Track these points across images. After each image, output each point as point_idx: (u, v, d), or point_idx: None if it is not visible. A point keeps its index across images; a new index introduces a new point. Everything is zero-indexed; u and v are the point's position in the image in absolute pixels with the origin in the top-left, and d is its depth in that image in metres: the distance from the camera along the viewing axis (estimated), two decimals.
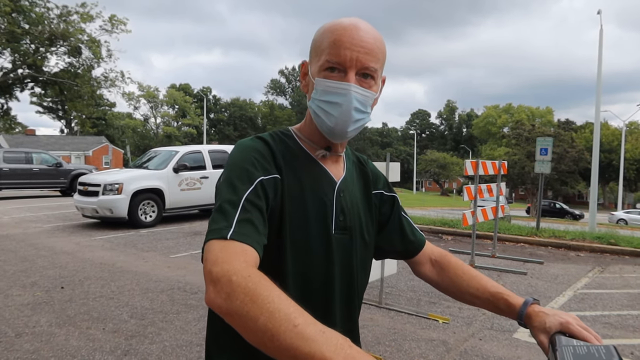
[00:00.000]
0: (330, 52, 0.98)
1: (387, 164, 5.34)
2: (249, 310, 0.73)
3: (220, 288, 0.77)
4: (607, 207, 51.23)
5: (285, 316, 0.71)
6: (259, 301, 0.73)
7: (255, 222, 0.90)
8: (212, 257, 0.82)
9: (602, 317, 5.15)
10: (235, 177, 0.96)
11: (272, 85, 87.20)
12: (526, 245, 9.61)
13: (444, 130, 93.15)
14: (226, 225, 0.87)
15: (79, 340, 4.09)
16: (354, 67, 0.98)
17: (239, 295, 0.75)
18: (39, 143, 41.71)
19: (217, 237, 0.85)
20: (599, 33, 15.50)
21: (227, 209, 0.90)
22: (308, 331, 0.70)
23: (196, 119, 65.59)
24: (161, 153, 11.99)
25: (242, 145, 1.05)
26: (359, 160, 1.25)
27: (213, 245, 0.84)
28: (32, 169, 16.73)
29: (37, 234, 9.39)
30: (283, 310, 0.72)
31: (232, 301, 0.75)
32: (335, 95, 0.99)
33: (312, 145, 1.10)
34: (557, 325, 0.96)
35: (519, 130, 38.01)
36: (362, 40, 0.98)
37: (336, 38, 0.98)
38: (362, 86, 1.00)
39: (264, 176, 0.97)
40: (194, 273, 6.50)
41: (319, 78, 1.01)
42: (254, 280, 0.76)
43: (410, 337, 4.39)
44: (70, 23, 29.41)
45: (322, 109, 1.02)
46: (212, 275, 0.79)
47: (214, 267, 0.80)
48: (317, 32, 1.04)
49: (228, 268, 0.79)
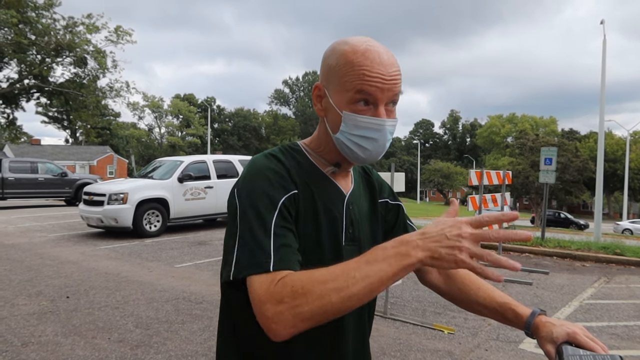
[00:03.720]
0: (360, 87, 0.97)
1: (392, 174, 5.36)
2: (318, 304, 0.80)
3: (281, 317, 0.82)
4: (612, 217, 50.98)
5: (343, 277, 0.81)
6: (317, 290, 0.81)
7: (291, 244, 0.93)
8: (261, 294, 0.85)
9: (609, 328, 5.12)
10: (259, 203, 0.96)
11: (275, 95, 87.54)
12: (531, 255, 9.57)
13: (447, 140, 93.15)
14: (264, 257, 0.89)
15: (84, 350, 4.10)
16: (384, 100, 0.99)
17: (301, 303, 0.81)
18: (44, 153, 41.97)
19: (259, 272, 0.88)
20: (602, 43, 15.52)
21: (260, 240, 0.91)
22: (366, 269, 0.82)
23: (200, 128, 65.84)
24: (166, 163, 12.04)
25: (256, 165, 1.03)
26: (364, 170, 1.26)
27: (258, 281, 0.87)
28: (37, 178, 16.80)
29: (42, 243, 9.42)
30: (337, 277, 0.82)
31: (300, 313, 0.81)
32: (370, 131, 1.00)
33: (322, 161, 1.12)
34: (564, 335, 0.98)
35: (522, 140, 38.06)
36: (390, 73, 0.98)
37: (366, 72, 0.97)
38: (390, 117, 1.02)
39: (285, 195, 0.98)
40: (198, 283, 6.51)
41: (349, 112, 1.00)
42: (298, 282, 0.83)
43: (416, 347, 4.38)
44: (76, 34, 29.66)
45: (354, 143, 1.02)
46: (267, 314, 0.83)
47: (265, 306, 0.83)
48: (332, 56, 1.02)
49: (276, 296, 0.83)
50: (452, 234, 0.80)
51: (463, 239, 0.80)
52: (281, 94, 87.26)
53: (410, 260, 0.81)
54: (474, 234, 0.80)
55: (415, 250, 0.81)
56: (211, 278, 6.82)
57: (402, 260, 0.81)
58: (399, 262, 0.81)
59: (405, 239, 0.83)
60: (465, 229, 0.81)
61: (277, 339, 0.83)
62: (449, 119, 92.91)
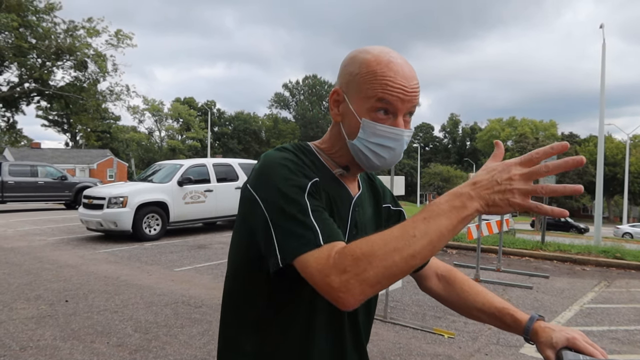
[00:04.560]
0: (382, 97, 0.98)
1: (392, 177, 5.35)
2: (383, 265, 0.80)
3: (348, 284, 0.81)
4: (612, 221, 50.98)
5: (402, 238, 0.81)
6: (379, 252, 0.80)
7: (329, 220, 0.94)
8: (321, 268, 0.85)
9: (610, 333, 5.10)
10: (286, 189, 0.94)
11: (276, 98, 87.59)
12: (531, 259, 9.56)
13: (447, 144, 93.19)
14: (311, 233, 0.88)
15: (83, 354, 4.08)
16: (404, 111, 1.01)
17: (366, 268, 0.80)
18: (44, 156, 41.91)
19: (312, 248, 0.87)
20: (602, 47, 15.57)
21: (300, 220, 0.90)
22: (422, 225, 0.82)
23: (200, 132, 65.92)
24: (166, 166, 12.04)
25: (272, 158, 1.02)
26: (368, 175, 1.27)
27: (313, 257, 0.86)
28: (37, 181, 16.81)
29: (41, 247, 9.40)
30: (395, 237, 0.82)
31: (366, 279, 0.81)
32: (388, 140, 1.02)
33: (331, 163, 1.12)
34: (563, 340, 0.99)
35: (522, 144, 38.11)
36: (412, 86, 0.99)
37: (389, 84, 0.98)
38: (406, 125, 1.04)
39: (309, 181, 0.98)
40: (198, 287, 6.49)
41: (367, 120, 1.01)
42: (357, 250, 0.83)
43: (416, 352, 4.36)
44: (76, 38, 29.78)
45: (371, 150, 1.03)
46: (334, 285, 0.83)
47: (329, 278, 0.83)
48: (355, 62, 1.03)
49: (337, 266, 0.83)
50: (502, 178, 0.82)
51: (514, 181, 0.81)
52: (281, 98, 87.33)
53: (466, 212, 0.82)
54: (524, 174, 0.81)
55: (470, 201, 0.82)
56: (211, 282, 6.80)
57: (459, 213, 0.82)
58: (456, 214, 0.82)
59: (458, 191, 0.84)
60: (514, 171, 0.82)
61: (346, 308, 0.83)
62: (449, 123, 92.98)
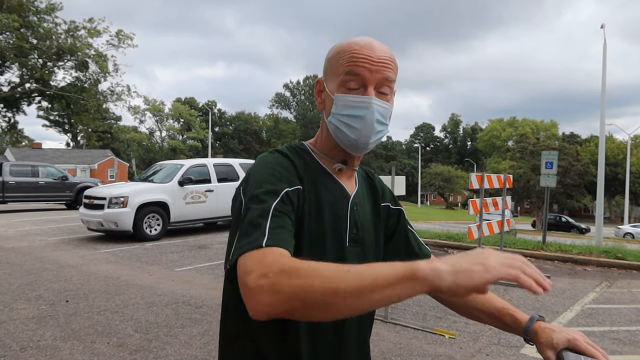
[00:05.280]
0: (349, 69, 1.02)
1: (393, 177, 5.35)
2: (300, 285, 0.74)
3: (264, 290, 0.75)
4: (614, 221, 50.90)
5: (334, 270, 0.75)
6: (303, 272, 0.75)
7: (287, 227, 0.91)
8: (246, 268, 0.80)
9: (611, 333, 5.09)
10: (261, 192, 0.95)
11: (276, 98, 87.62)
12: (532, 259, 9.53)
13: (448, 144, 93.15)
14: (259, 235, 0.85)
15: (83, 354, 4.08)
16: (373, 81, 1.02)
17: (283, 281, 0.75)
18: (45, 156, 41.94)
19: (251, 249, 0.83)
20: (603, 47, 15.55)
21: (258, 222, 0.89)
22: (360, 269, 0.74)
23: (201, 132, 65.93)
24: (166, 166, 12.04)
25: (263, 159, 1.05)
26: (367, 174, 1.27)
27: (246, 258, 0.82)
28: (38, 182, 16.81)
29: (42, 247, 9.40)
30: (328, 268, 0.75)
31: (281, 290, 0.74)
32: (358, 109, 1.02)
33: (328, 160, 1.12)
34: (564, 341, 0.98)
35: (523, 144, 38.03)
36: (378, 56, 1.02)
37: (354, 55, 1.02)
38: (381, 99, 1.04)
39: (289, 188, 0.98)
40: (198, 287, 6.49)
41: (339, 94, 1.04)
42: (288, 263, 0.78)
43: (417, 352, 4.35)
44: (77, 38, 29.77)
45: (344, 123, 1.04)
46: (252, 284, 0.77)
47: (250, 277, 0.78)
48: (331, 51, 1.08)
49: (262, 270, 0.77)
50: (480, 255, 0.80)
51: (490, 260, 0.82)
52: (282, 98, 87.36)
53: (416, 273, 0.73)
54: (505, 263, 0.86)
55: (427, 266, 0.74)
56: (211, 282, 6.80)
57: (406, 269, 0.74)
58: (402, 268, 0.74)
59: None
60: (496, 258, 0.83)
61: (253, 313, 0.77)
62: (450, 123, 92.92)
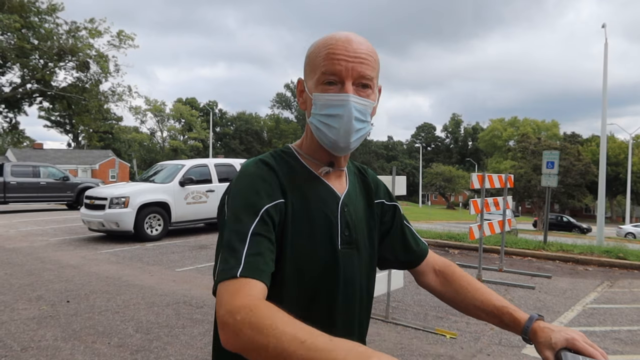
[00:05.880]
0: (325, 66, 0.99)
1: (393, 177, 5.34)
2: (257, 341, 0.75)
3: (229, 329, 0.80)
4: (615, 221, 50.85)
5: (292, 336, 0.73)
6: (265, 330, 0.75)
7: (265, 253, 0.92)
8: (221, 299, 0.86)
9: (612, 333, 5.08)
10: (240, 210, 0.96)
11: (277, 99, 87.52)
12: (533, 259, 9.53)
13: (449, 144, 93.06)
14: (235, 263, 0.89)
15: (84, 354, 4.08)
16: (350, 77, 0.99)
17: (245, 331, 0.77)
18: (46, 157, 41.99)
19: (226, 278, 0.88)
20: (604, 47, 15.53)
21: (235, 246, 0.91)
22: (317, 343, 0.72)
23: (202, 132, 66.02)
24: (167, 167, 12.04)
25: (245, 172, 1.03)
26: (360, 170, 1.24)
27: (222, 288, 0.88)
28: (39, 182, 16.84)
29: (43, 247, 9.41)
30: (288, 332, 0.74)
31: (240, 338, 0.78)
32: (335, 108, 0.99)
33: (314, 162, 1.10)
34: (563, 341, 0.97)
35: (524, 144, 37.99)
36: (355, 51, 0.99)
37: (330, 51, 0.99)
38: (360, 95, 1.00)
39: (269, 203, 0.97)
40: (199, 287, 6.48)
41: (317, 93, 1.01)
42: (256, 313, 0.79)
43: (418, 352, 4.34)
44: (78, 38, 29.78)
45: (323, 123, 1.01)
46: (220, 319, 0.83)
47: (221, 311, 0.84)
48: (310, 48, 1.05)
49: (231, 308, 0.82)
50: None
51: None
52: (283, 98, 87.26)
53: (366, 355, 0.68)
54: None
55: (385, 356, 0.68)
56: (212, 282, 6.78)
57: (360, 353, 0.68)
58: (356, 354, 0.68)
59: None
60: None
61: (224, 344, 0.82)
62: (451, 123, 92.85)
